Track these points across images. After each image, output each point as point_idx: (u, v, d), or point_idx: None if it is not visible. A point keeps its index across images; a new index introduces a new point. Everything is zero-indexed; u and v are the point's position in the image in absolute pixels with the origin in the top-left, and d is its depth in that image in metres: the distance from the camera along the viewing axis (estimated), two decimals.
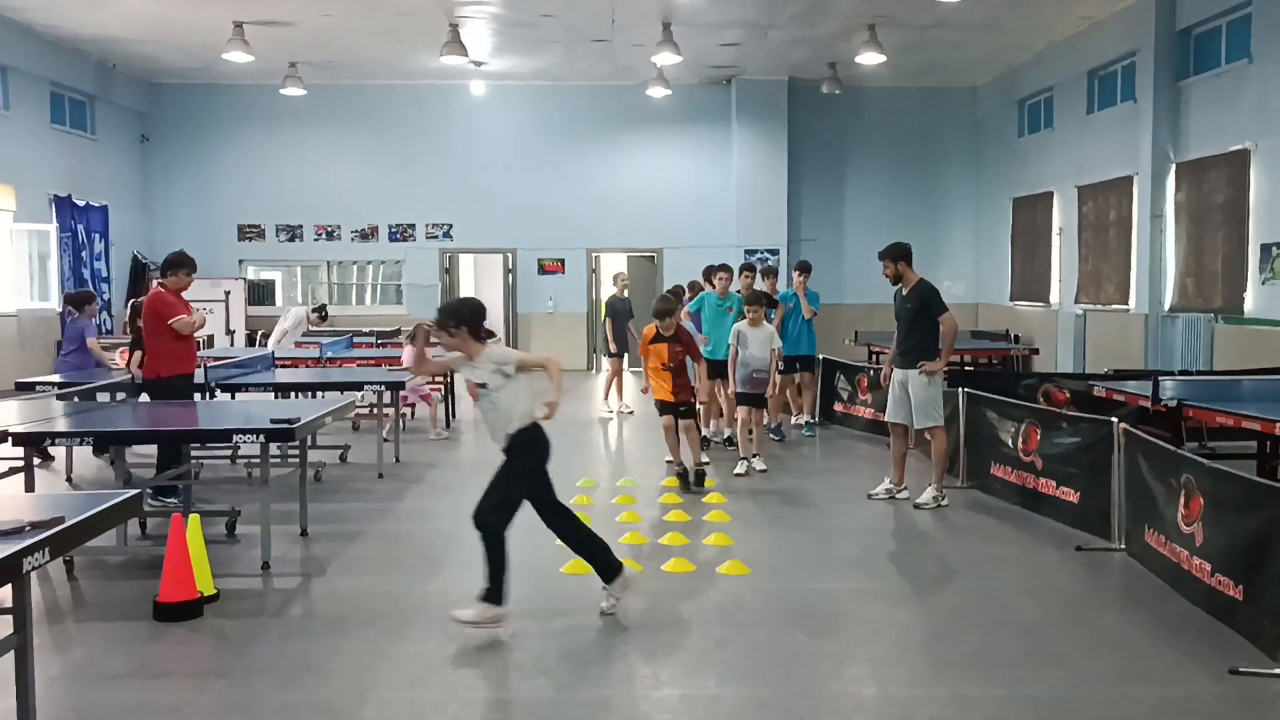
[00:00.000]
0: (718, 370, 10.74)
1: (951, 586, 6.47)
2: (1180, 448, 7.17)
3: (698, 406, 10.30)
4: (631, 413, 14.33)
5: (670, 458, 9.43)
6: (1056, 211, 18.52)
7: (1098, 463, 7.42)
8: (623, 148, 21.61)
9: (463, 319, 5.55)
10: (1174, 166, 14.84)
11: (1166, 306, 15.03)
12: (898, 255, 8.58)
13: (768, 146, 21.06)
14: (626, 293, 15.10)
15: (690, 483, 9.15)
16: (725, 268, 11.59)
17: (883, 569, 6.84)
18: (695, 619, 5.72)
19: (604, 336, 14.93)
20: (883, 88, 21.46)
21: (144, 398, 8.92)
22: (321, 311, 15.74)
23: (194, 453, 10.09)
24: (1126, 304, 15.93)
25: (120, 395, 9.83)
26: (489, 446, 5.95)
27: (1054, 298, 18.65)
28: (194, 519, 5.96)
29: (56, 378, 10.64)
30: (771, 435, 11.70)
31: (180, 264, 8.54)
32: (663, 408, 9.38)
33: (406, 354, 7.84)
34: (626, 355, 14.73)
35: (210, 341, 19.71)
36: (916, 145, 22.02)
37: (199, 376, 9.17)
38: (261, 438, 6.32)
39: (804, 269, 12.61)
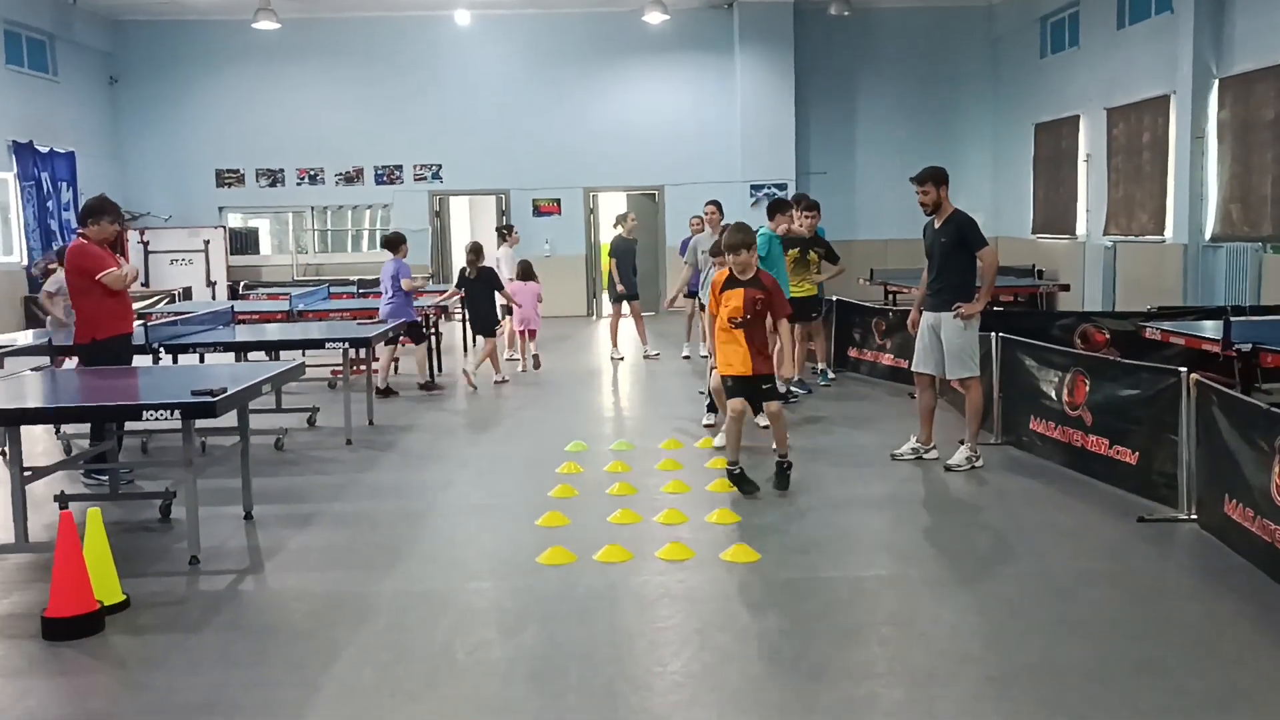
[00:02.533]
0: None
1: (1001, 571, 5.47)
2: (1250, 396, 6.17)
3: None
4: (622, 359, 13.62)
5: (732, 459, 6.90)
6: (1083, 136, 17.30)
7: (1161, 418, 6.39)
8: (619, 79, 20.35)
9: None
10: (1217, 82, 13.61)
11: (1208, 236, 13.88)
12: (940, 179, 7.44)
13: (773, 74, 19.76)
14: (634, 233, 14.27)
15: (773, 484, 6.90)
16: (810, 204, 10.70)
17: (917, 549, 5.85)
18: (694, 624, 4.75)
19: (612, 280, 14.02)
20: (894, 9, 20.18)
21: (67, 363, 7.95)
22: (507, 232, 14.66)
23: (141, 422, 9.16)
24: (1162, 234, 14.79)
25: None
26: (473, 405, 5.02)
27: (1080, 229, 17.49)
28: (94, 513, 4.98)
29: (23, 336, 9.70)
30: (796, 389, 10.77)
31: (102, 210, 7.49)
32: (736, 386, 6.84)
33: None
34: (630, 301, 13.87)
35: (188, 294, 18.75)
36: (931, 69, 20.73)
37: (139, 337, 8.18)
38: (177, 413, 5.30)
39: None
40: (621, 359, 13.62)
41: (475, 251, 12.01)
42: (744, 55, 19.80)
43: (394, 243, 11.52)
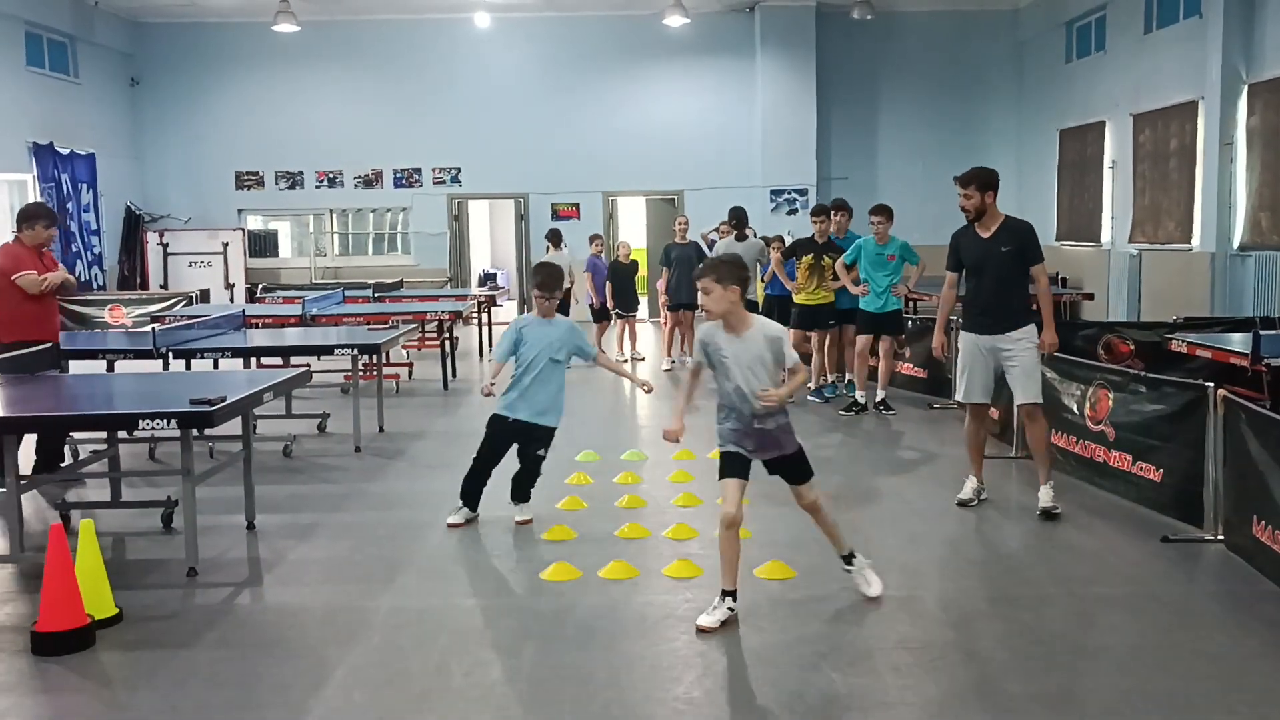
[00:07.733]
0: (875, 323, 10.15)
1: (1019, 592, 5.28)
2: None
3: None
4: (670, 369, 13.15)
5: None
6: (1109, 142, 17.02)
7: (1186, 435, 6.19)
8: (639, 83, 20.22)
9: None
10: (1246, 87, 13.34)
11: (1236, 244, 13.61)
12: (988, 184, 6.62)
13: (795, 78, 19.60)
14: (686, 237, 13.44)
15: None
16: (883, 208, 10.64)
17: (931, 568, 5.67)
18: (697, 647, 4.59)
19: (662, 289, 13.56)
20: (917, 12, 19.95)
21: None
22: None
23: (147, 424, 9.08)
24: (1189, 242, 14.51)
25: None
26: (486, 411, 6.14)
27: (1105, 236, 17.22)
28: (86, 523, 4.88)
29: None
30: (813, 398, 10.68)
31: (36, 215, 7.55)
32: None
33: None
34: (685, 310, 13.10)
35: (205, 296, 18.71)
36: (954, 74, 20.48)
37: (147, 342, 8.11)
38: (174, 423, 5.20)
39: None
40: (670, 370, 13.08)
41: (626, 248, 14.72)
42: (765, 59, 19.64)
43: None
